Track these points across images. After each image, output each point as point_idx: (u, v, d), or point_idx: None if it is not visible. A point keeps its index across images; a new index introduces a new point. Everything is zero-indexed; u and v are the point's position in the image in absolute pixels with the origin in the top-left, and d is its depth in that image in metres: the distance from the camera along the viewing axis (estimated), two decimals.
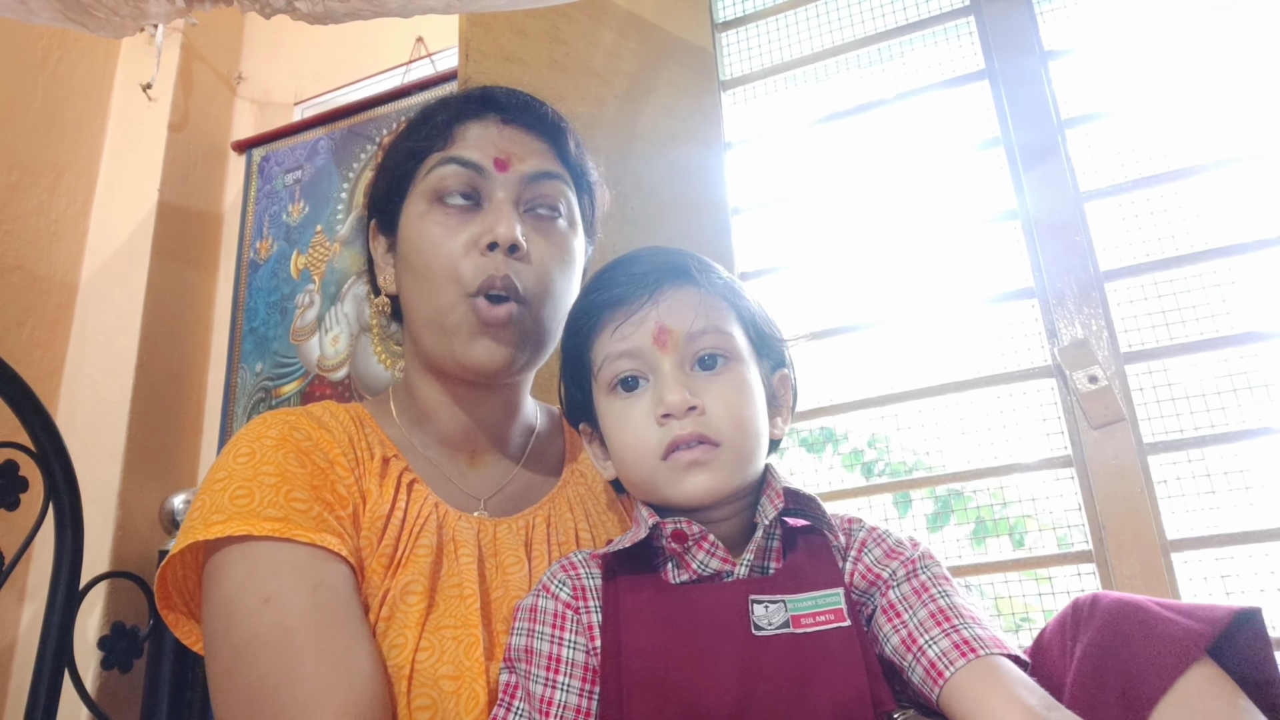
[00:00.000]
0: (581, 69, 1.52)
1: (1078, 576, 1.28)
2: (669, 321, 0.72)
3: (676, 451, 0.70)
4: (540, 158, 0.88)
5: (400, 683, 0.73)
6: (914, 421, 1.45)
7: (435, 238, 0.84)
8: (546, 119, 0.91)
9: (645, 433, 0.71)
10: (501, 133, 0.88)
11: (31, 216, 1.92)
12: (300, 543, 0.74)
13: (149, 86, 2.06)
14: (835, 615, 0.67)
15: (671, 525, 0.70)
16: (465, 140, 0.87)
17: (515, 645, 0.72)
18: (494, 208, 0.84)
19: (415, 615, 0.76)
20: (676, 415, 0.70)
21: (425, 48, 2.03)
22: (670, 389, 0.70)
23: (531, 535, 0.87)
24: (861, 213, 1.57)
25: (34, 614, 1.74)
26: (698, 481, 0.69)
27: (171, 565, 0.78)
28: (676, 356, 0.72)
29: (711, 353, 0.73)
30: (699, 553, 0.70)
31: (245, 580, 0.72)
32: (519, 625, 0.73)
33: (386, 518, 0.81)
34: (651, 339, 0.72)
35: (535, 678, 0.69)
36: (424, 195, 0.86)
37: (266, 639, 0.70)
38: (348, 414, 0.89)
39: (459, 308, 0.82)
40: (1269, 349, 1.26)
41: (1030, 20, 1.49)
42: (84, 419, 1.88)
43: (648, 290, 0.73)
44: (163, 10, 1.39)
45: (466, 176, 0.85)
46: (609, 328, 0.74)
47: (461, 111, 0.89)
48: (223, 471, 0.78)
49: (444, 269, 0.83)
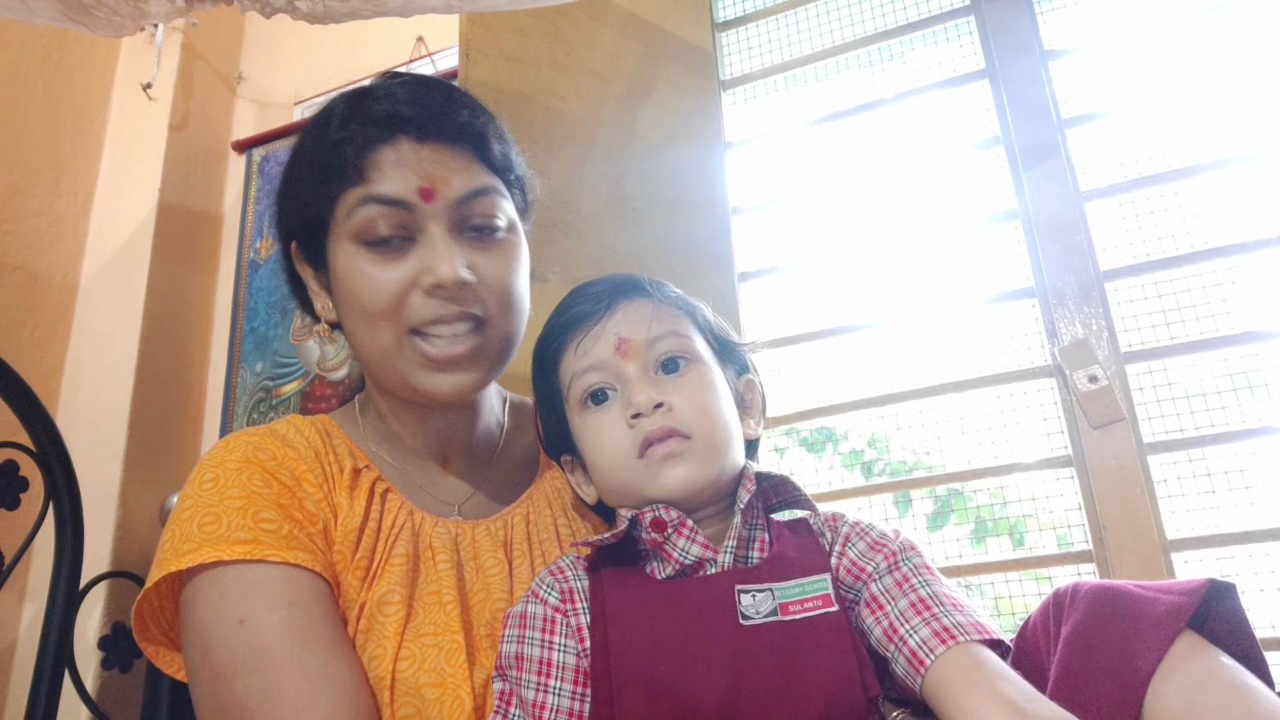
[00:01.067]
0: (582, 68, 1.52)
1: (1077, 576, 1.28)
2: (626, 331, 0.75)
3: (650, 447, 0.72)
4: (465, 175, 0.81)
5: (382, 693, 0.73)
6: (914, 421, 1.45)
7: (370, 280, 0.79)
8: (465, 128, 0.82)
9: (619, 436, 0.73)
10: (419, 155, 0.79)
11: (31, 216, 1.92)
12: (272, 562, 0.73)
13: (149, 86, 2.06)
14: (823, 601, 0.68)
15: (650, 514, 0.72)
16: (381, 172, 0.78)
17: (506, 653, 0.73)
18: (429, 242, 0.79)
19: (394, 625, 0.75)
20: (645, 413, 0.72)
21: (425, 47, 2.03)
22: (636, 389, 0.73)
23: (511, 535, 0.87)
24: (861, 213, 1.57)
25: (34, 614, 1.74)
26: (675, 474, 0.72)
27: (147, 598, 0.77)
28: (639, 363, 0.75)
29: (672, 355, 0.76)
30: (679, 539, 0.72)
31: (217, 605, 0.72)
32: (509, 633, 0.73)
33: (360, 529, 0.80)
34: (613, 350, 0.75)
35: (527, 683, 0.69)
36: (349, 236, 0.80)
37: (244, 661, 0.70)
38: (313, 427, 0.87)
39: (405, 347, 0.80)
40: (1269, 349, 1.26)
41: (1030, 20, 1.49)
42: (84, 419, 1.88)
43: (603, 305, 0.77)
44: (163, 10, 1.39)
45: (391, 214, 0.78)
46: (571, 346, 0.77)
47: (369, 139, 0.80)
48: (189, 500, 0.77)
49: (384, 310, 0.79)
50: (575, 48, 1.52)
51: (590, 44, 1.54)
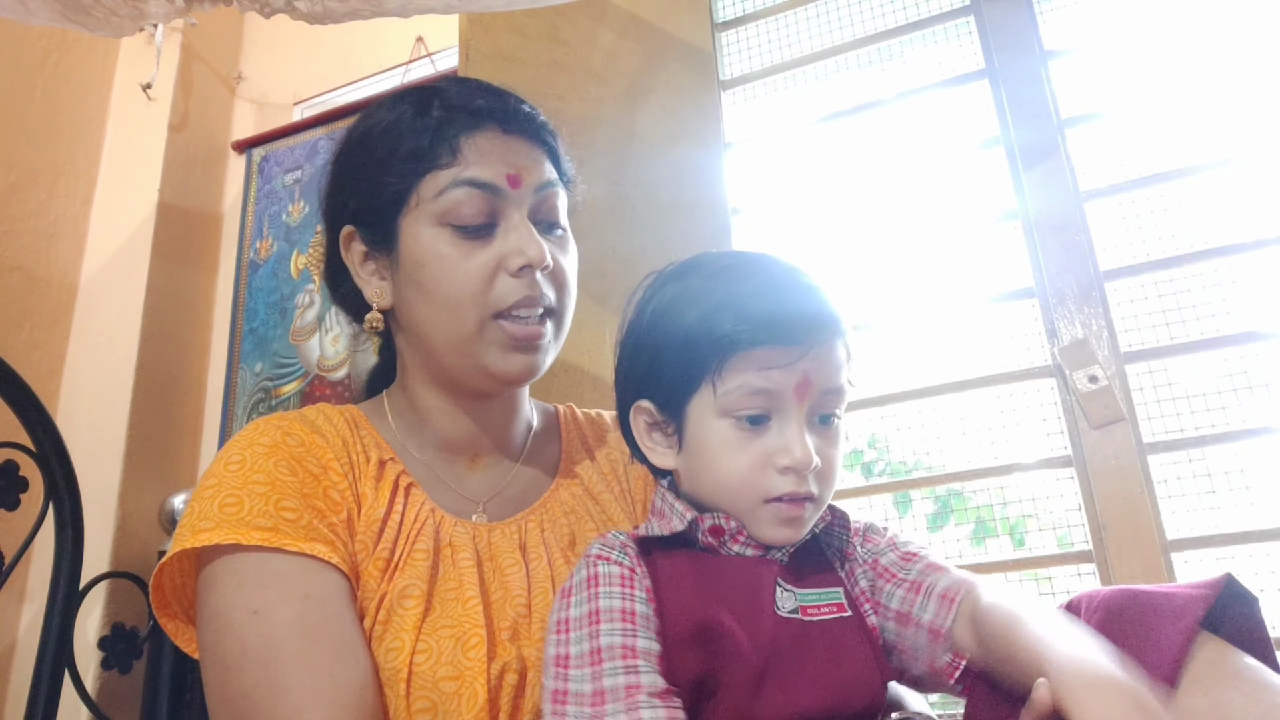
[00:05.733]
0: (581, 69, 1.52)
1: (1078, 576, 1.28)
2: (814, 375, 0.72)
3: (781, 502, 0.71)
4: (541, 168, 0.86)
5: (398, 685, 0.73)
6: (914, 421, 1.45)
7: (455, 262, 0.81)
8: (543, 126, 0.89)
9: (758, 473, 0.71)
10: (506, 145, 0.84)
11: (31, 217, 1.92)
12: (289, 552, 0.73)
13: (149, 86, 2.06)
14: (838, 608, 0.72)
15: (710, 520, 0.73)
16: (472, 156, 0.82)
17: (575, 615, 0.69)
18: (513, 228, 0.83)
19: (412, 618, 0.76)
20: (799, 471, 0.70)
21: (425, 48, 2.03)
22: (801, 445, 0.70)
23: (526, 539, 0.87)
24: (862, 212, 1.57)
25: (34, 614, 1.74)
26: (787, 533, 0.72)
27: (167, 572, 0.78)
28: (806, 409, 0.72)
29: (834, 413, 0.74)
30: (734, 545, 0.73)
31: (234, 593, 0.73)
32: (577, 597, 0.70)
33: (383, 521, 0.81)
34: (794, 388, 0.71)
35: (611, 631, 0.67)
36: (433, 217, 0.82)
37: (254, 652, 0.70)
38: (342, 416, 0.88)
39: (489, 329, 0.82)
40: (1269, 349, 1.26)
41: (1030, 20, 1.49)
42: (84, 419, 1.88)
43: (811, 341, 0.71)
44: (162, 10, 1.39)
45: (482, 198, 0.82)
46: (756, 361, 0.71)
47: (460, 124, 0.84)
48: (213, 479, 0.78)
49: (468, 294, 0.81)
50: (574, 48, 1.52)
51: (589, 44, 1.54)
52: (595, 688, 0.65)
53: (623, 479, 0.97)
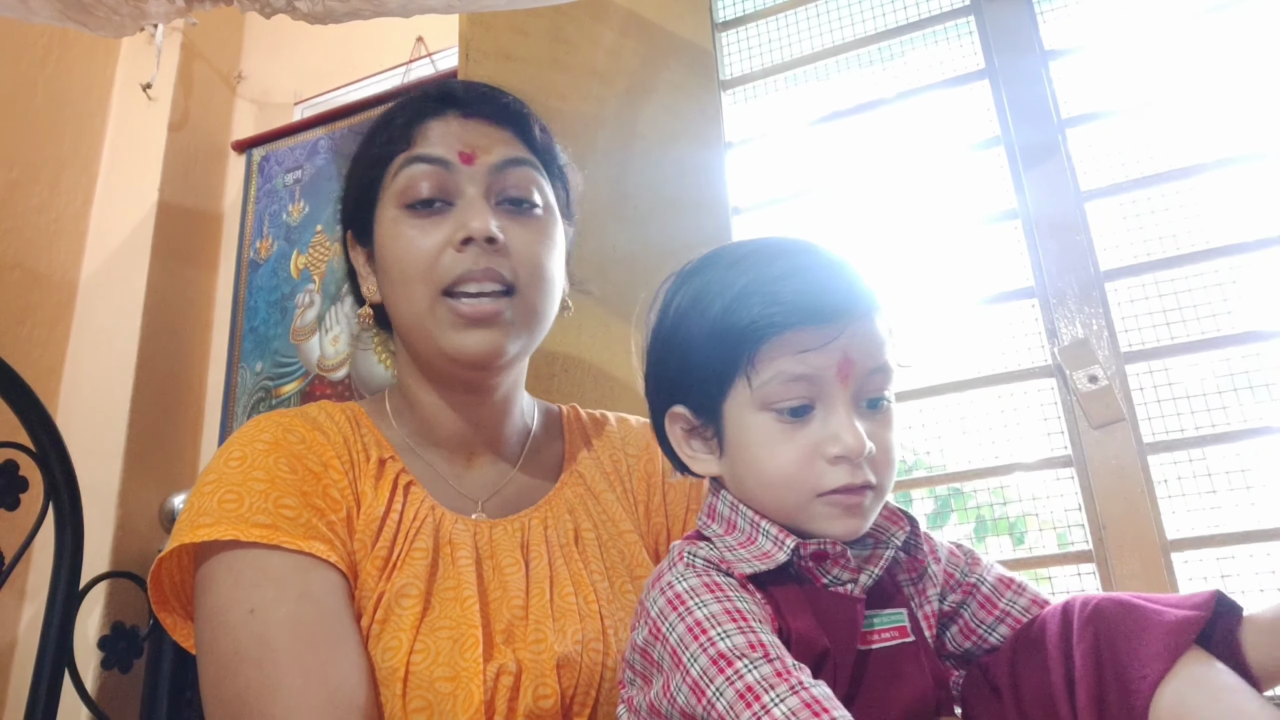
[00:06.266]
0: (582, 68, 1.52)
1: (1078, 576, 1.28)
2: (855, 354, 0.66)
3: (839, 495, 0.66)
4: (506, 146, 0.87)
5: (395, 685, 0.73)
6: (914, 421, 1.45)
7: (409, 240, 0.83)
8: (508, 108, 0.89)
9: (807, 467, 0.66)
10: (464, 126, 0.86)
11: (31, 215, 1.92)
12: (287, 550, 0.74)
13: (149, 86, 2.06)
14: (899, 632, 0.69)
15: (814, 546, 0.67)
16: (427, 138, 0.85)
17: (707, 615, 0.61)
18: (465, 203, 0.83)
19: (410, 618, 0.76)
20: (853, 459, 0.65)
21: (425, 47, 2.03)
22: (851, 431, 0.65)
23: (528, 537, 0.86)
24: (862, 212, 1.57)
25: (34, 614, 1.74)
26: (850, 525, 0.67)
27: (166, 567, 0.78)
28: (852, 393, 0.67)
29: (882, 395, 0.69)
30: (834, 568, 0.68)
31: (231, 591, 0.73)
32: (701, 599, 0.63)
33: (382, 520, 0.81)
34: (835, 370, 0.66)
35: (733, 630, 0.60)
36: (393, 200, 0.85)
37: (248, 652, 0.70)
38: (343, 414, 0.88)
39: (438, 307, 0.82)
40: (1270, 348, 1.26)
41: (1030, 20, 1.49)
42: (84, 419, 1.88)
43: (846, 319, 0.66)
44: (163, 10, 1.39)
45: (433, 173, 0.83)
46: (791, 345, 0.66)
47: (420, 111, 0.87)
48: (214, 474, 0.78)
49: (420, 271, 0.82)
50: (576, 47, 1.52)
51: (591, 43, 1.54)
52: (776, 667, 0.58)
53: (625, 479, 0.97)
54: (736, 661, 0.58)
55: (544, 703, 0.76)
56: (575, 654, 0.79)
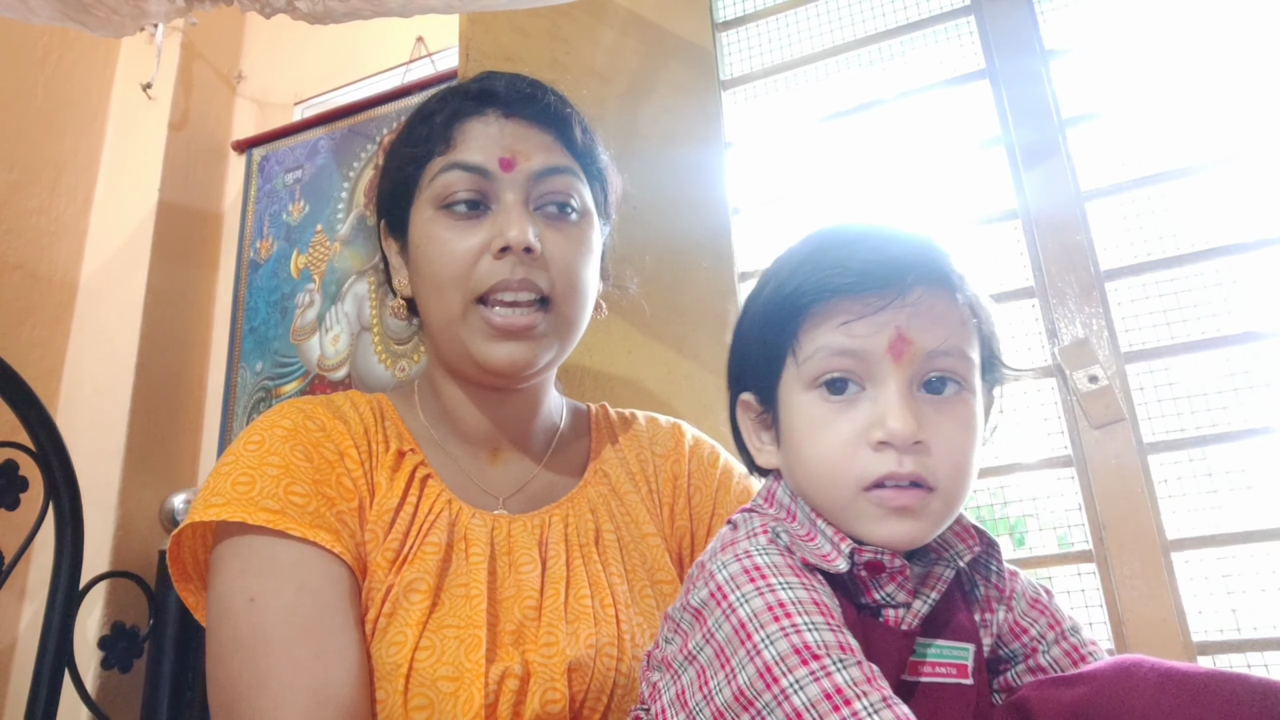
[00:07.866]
0: (582, 68, 1.52)
1: (1078, 576, 1.28)
2: (912, 331, 0.59)
3: (883, 489, 0.59)
4: (546, 152, 0.85)
5: (398, 681, 0.72)
6: None
7: (444, 244, 0.82)
8: (550, 109, 0.87)
9: (850, 453, 0.59)
10: (504, 129, 0.84)
11: (31, 215, 1.92)
12: (292, 537, 0.74)
13: (149, 86, 2.06)
14: (959, 670, 0.62)
15: (870, 555, 0.60)
16: (466, 141, 0.84)
17: (781, 600, 0.56)
18: (503, 210, 0.82)
19: (418, 613, 0.75)
20: (898, 446, 0.58)
21: (425, 47, 2.02)
22: (897, 414, 0.58)
23: (547, 534, 0.85)
24: (862, 212, 1.57)
25: (34, 614, 1.74)
26: (900, 529, 0.59)
27: (186, 545, 0.79)
28: (908, 374, 0.60)
29: (945, 376, 0.61)
30: (890, 584, 0.61)
31: (236, 578, 0.73)
32: (773, 580, 0.58)
33: (395, 512, 0.80)
34: (887, 346, 0.59)
35: (821, 624, 0.55)
36: (430, 202, 0.84)
37: (244, 641, 0.71)
38: (369, 405, 0.88)
39: (471, 315, 0.82)
40: (1270, 348, 1.26)
41: (1031, 19, 1.49)
42: (84, 419, 1.88)
43: (897, 288, 0.59)
44: (163, 10, 1.39)
45: (471, 181, 0.82)
46: (836, 317, 0.60)
47: (460, 110, 0.86)
48: (231, 456, 0.79)
49: (454, 276, 0.81)
50: (576, 47, 1.52)
51: (591, 43, 1.54)
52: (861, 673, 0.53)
53: (651, 479, 0.95)
54: (824, 657, 0.52)
55: (552, 707, 0.74)
56: (588, 658, 0.77)
